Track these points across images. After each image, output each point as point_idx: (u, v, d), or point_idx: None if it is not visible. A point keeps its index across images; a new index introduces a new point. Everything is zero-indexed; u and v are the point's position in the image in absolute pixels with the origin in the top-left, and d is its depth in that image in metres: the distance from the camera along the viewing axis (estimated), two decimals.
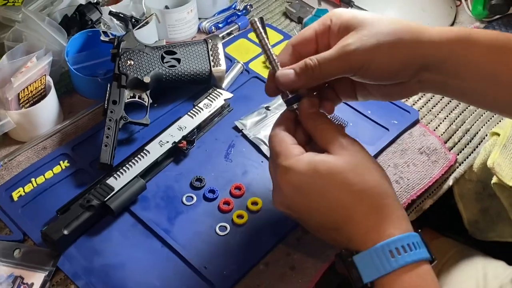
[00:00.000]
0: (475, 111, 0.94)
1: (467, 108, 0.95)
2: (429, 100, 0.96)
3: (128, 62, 0.88)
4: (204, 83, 0.93)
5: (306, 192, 0.60)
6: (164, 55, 0.91)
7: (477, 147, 0.90)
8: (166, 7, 1.10)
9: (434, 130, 0.91)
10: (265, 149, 0.85)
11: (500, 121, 0.93)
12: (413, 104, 0.95)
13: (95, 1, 1.04)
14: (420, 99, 0.96)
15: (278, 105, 0.92)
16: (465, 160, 0.89)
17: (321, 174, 0.59)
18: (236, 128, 0.89)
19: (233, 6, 1.14)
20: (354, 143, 0.62)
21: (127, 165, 0.80)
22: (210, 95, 0.90)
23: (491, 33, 0.62)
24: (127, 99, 0.87)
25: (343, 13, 0.64)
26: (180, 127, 0.85)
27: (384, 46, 0.61)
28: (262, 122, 0.89)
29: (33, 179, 0.82)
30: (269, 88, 0.66)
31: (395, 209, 0.59)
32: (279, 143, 0.62)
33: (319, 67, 0.62)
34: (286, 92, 0.65)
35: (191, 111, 0.88)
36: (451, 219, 0.99)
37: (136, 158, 0.81)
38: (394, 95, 0.68)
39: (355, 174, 0.59)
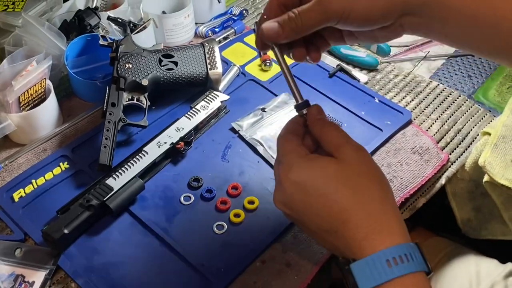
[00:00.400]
0: (467, 111, 0.96)
1: (459, 108, 0.96)
2: (422, 101, 0.97)
3: (127, 65, 0.89)
4: (201, 86, 0.95)
5: (307, 191, 0.59)
6: (162, 58, 0.93)
7: (469, 146, 0.92)
8: (164, 12, 1.12)
9: (427, 130, 0.93)
10: (261, 149, 0.87)
11: (491, 121, 0.94)
12: (406, 105, 0.97)
13: (93, 7, 1.06)
14: (413, 100, 0.98)
15: (274, 107, 0.94)
16: (457, 159, 0.90)
17: (324, 174, 0.59)
18: (232, 130, 0.91)
19: (229, 11, 1.16)
20: (359, 149, 0.61)
21: (126, 166, 0.81)
22: (207, 97, 0.92)
23: None
24: (126, 101, 0.88)
25: None
26: (177, 129, 0.87)
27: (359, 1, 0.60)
28: (258, 123, 0.91)
29: (33, 181, 0.84)
30: (257, 41, 0.67)
31: (395, 217, 0.59)
32: (286, 142, 0.62)
33: (300, 18, 0.62)
34: (276, 53, 0.65)
35: (189, 113, 0.90)
36: (444, 218, 1.01)
37: (134, 159, 0.82)
38: (379, 38, 0.67)
39: (358, 179, 0.58)
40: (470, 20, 0.61)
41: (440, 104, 0.97)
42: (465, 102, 0.98)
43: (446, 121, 0.94)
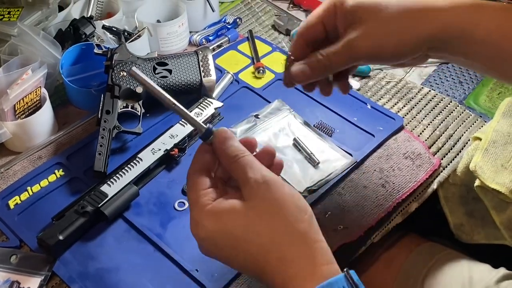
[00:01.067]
0: (458, 117, 0.97)
1: (450, 114, 0.98)
2: (413, 107, 0.99)
3: (121, 73, 0.90)
4: (195, 93, 0.96)
5: (217, 244, 0.56)
6: (156, 66, 0.94)
7: (460, 151, 0.93)
8: (158, 21, 1.13)
9: (419, 135, 0.94)
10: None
11: (482, 126, 0.96)
12: (398, 111, 0.98)
13: (88, 16, 1.07)
14: (404, 106, 0.99)
15: (267, 113, 0.95)
16: (449, 164, 0.91)
17: (226, 226, 0.55)
18: None
19: (223, 19, 1.17)
20: (265, 182, 0.55)
21: (120, 173, 0.82)
22: (201, 105, 0.93)
23: (499, 6, 0.62)
24: (120, 109, 0.89)
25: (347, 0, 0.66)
26: (172, 135, 0.88)
27: (390, 39, 0.63)
28: (252, 129, 0.92)
29: (29, 188, 0.84)
30: (285, 79, 0.71)
31: (314, 244, 0.54)
32: (192, 188, 0.58)
33: (329, 62, 0.66)
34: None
35: (183, 120, 0.90)
36: (437, 223, 1.01)
37: (129, 166, 0.83)
38: (405, 65, 0.70)
39: (261, 221, 0.54)
40: (493, 52, 0.62)
41: (432, 110, 0.98)
42: (456, 108, 0.99)
43: (438, 127, 0.95)
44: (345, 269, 0.52)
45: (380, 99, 1.00)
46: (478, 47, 0.62)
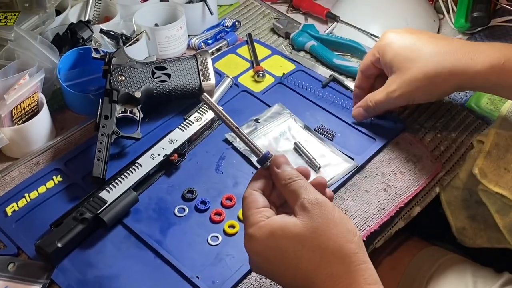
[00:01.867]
0: (460, 120, 0.97)
1: (452, 117, 0.97)
2: (415, 111, 0.98)
3: (119, 77, 0.89)
4: (194, 97, 0.95)
5: (269, 259, 0.60)
6: (155, 70, 0.93)
7: (462, 155, 0.92)
8: (156, 25, 1.13)
9: (420, 139, 0.93)
10: (255, 160, 0.87)
11: (484, 129, 0.95)
12: (399, 115, 0.97)
13: (86, 20, 1.06)
14: (406, 109, 0.98)
15: (267, 117, 0.94)
16: (451, 168, 0.90)
17: (279, 242, 0.59)
18: (226, 141, 0.91)
19: (222, 23, 1.17)
20: (318, 203, 0.59)
21: (119, 179, 0.81)
22: (200, 109, 0.92)
23: None
24: (119, 114, 0.88)
25: (386, 51, 0.86)
26: (171, 140, 0.87)
27: (421, 89, 0.83)
28: (252, 134, 0.91)
29: (26, 194, 0.83)
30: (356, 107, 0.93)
31: (362, 265, 0.57)
32: (248, 206, 0.62)
33: (376, 107, 0.89)
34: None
35: (182, 124, 0.90)
36: (439, 227, 1.01)
37: (128, 171, 0.82)
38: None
39: (313, 239, 0.58)
40: None
41: (433, 113, 0.97)
42: (458, 111, 0.98)
43: (440, 130, 0.95)
44: None
45: None
46: (503, 85, 0.81)
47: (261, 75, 1.02)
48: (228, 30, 1.15)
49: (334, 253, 0.57)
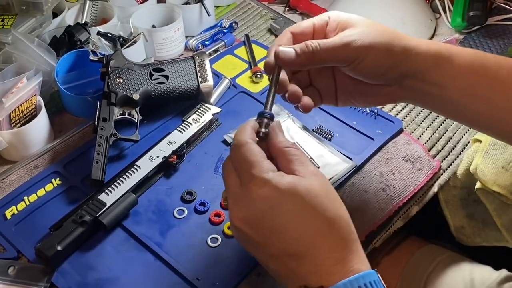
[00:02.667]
0: None
1: None
2: (412, 110, 0.98)
3: (117, 80, 0.90)
4: (192, 99, 0.95)
5: (281, 209, 0.56)
6: (153, 72, 0.93)
7: (460, 154, 0.92)
8: (153, 26, 1.13)
9: (418, 138, 0.93)
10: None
11: None
12: (397, 114, 0.97)
13: (83, 22, 1.06)
14: (403, 109, 0.98)
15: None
16: (449, 167, 0.91)
17: (301, 195, 0.56)
18: (225, 142, 0.91)
19: (219, 24, 1.17)
20: (319, 171, 0.60)
21: (118, 181, 0.81)
22: (199, 110, 0.92)
23: (469, 50, 0.68)
24: (117, 116, 0.88)
25: (341, 13, 0.71)
26: (169, 142, 0.87)
27: (379, 45, 0.66)
28: None
29: (25, 198, 0.83)
30: (267, 63, 0.68)
31: (358, 243, 0.58)
32: (254, 153, 0.59)
33: (319, 50, 0.66)
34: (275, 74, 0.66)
35: (180, 126, 0.90)
36: (438, 226, 1.01)
37: (127, 174, 0.82)
38: (374, 101, 0.73)
39: (329, 200, 0.57)
40: (466, 90, 0.67)
41: (431, 113, 0.98)
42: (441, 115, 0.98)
43: (437, 129, 0.95)
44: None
45: None
46: (454, 77, 0.67)
47: (259, 75, 1.02)
48: (225, 31, 1.15)
49: (343, 218, 0.57)
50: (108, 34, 1.02)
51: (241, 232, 0.58)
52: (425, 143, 0.92)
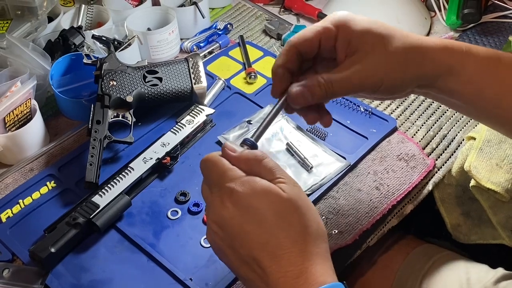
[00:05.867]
0: (452, 117, 0.97)
1: (443, 114, 0.97)
2: (407, 109, 0.98)
3: (111, 82, 0.90)
4: (186, 100, 0.95)
5: (249, 217, 0.56)
6: (146, 74, 0.93)
7: (454, 151, 0.92)
8: (148, 29, 1.13)
9: (412, 137, 0.93)
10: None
11: (476, 125, 0.95)
12: (391, 113, 0.97)
13: (78, 26, 1.07)
14: (398, 107, 0.98)
15: (260, 119, 0.94)
16: (443, 165, 0.91)
17: (269, 205, 0.56)
18: (219, 143, 0.91)
19: (214, 25, 1.17)
20: (296, 185, 0.59)
21: (112, 183, 0.81)
22: (192, 112, 0.92)
23: (485, 49, 0.67)
24: (111, 118, 0.89)
25: (352, 26, 0.65)
26: (163, 144, 0.87)
27: (394, 72, 0.64)
28: (245, 135, 0.91)
29: (20, 201, 0.83)
30: (275, 91, 0.69)
31: (325, 256, 0.57)
32: (220, 163, 0.61)
33: (331, 89, 0.64)
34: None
35: (174, 127, 0.90)
36: (435, 225, 1.01)
37: (120, 176, 0.82)
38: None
39: (297, 216, 0.56)
40: (474, 96, 0.67)
41: (425, 111, 0.98)
42: (449, 108, 0.98)
43: (431, 127, 0.95)
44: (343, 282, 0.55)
45: (372, 101, 0.99)
46: (463, 86, 0.66)
47: (253, 76, 1.03)
48: (220, 32, 1.15)
49: (309, 231, 0.56)
50: (103, 38, 1.02)
51: (211, 232, 0.59)
52: (420, 141, 0.92)
